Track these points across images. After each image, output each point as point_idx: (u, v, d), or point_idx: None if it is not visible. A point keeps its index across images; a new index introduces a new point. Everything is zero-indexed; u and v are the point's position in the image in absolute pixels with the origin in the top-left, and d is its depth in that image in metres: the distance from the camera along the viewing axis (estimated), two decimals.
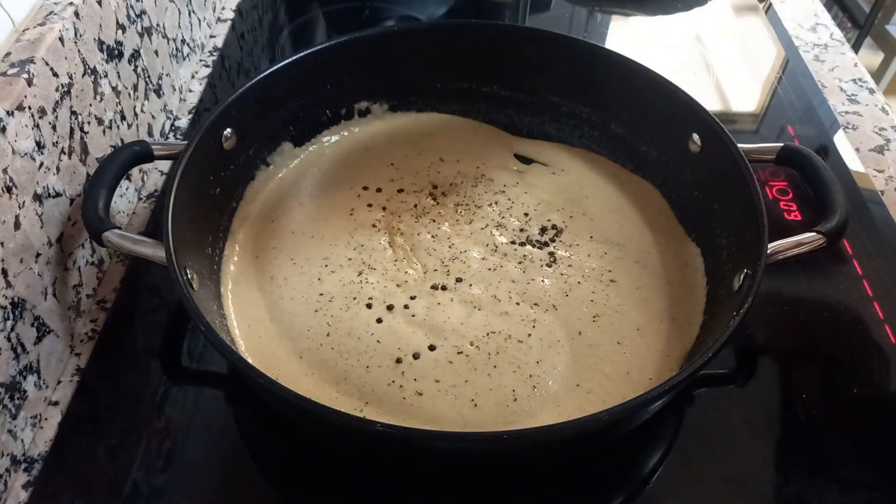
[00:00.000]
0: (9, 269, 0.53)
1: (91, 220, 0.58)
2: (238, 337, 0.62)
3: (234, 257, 0.68)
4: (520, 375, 0.59)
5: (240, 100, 0.68)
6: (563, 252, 0.69)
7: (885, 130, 0.85)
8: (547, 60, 0.78)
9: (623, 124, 0.77)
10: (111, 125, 0.70)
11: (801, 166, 0.64)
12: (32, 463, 0.55)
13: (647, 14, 1.08)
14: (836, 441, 0.57)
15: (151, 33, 0.79)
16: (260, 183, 0.74)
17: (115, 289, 0.67)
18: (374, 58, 0.78)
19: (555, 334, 0.62)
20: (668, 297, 0.65)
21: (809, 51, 0.97)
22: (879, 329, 0.65)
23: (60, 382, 0.60)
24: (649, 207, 0.73)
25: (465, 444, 0.48)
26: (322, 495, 0.56)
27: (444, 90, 0.82)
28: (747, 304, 0.52)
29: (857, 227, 0.73)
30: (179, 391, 0.61)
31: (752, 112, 0.90)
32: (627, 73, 0.73)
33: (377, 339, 0.62)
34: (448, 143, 0.80)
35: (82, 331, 0.64)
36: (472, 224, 0.71)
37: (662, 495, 0.54)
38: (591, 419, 0.47)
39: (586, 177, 0.77)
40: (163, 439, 0.57)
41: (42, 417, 0.58)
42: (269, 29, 1.06)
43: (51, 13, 0.63)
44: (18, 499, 0.53)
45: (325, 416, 0.48)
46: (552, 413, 0.57)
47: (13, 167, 0.54)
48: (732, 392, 0.61)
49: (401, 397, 0.58)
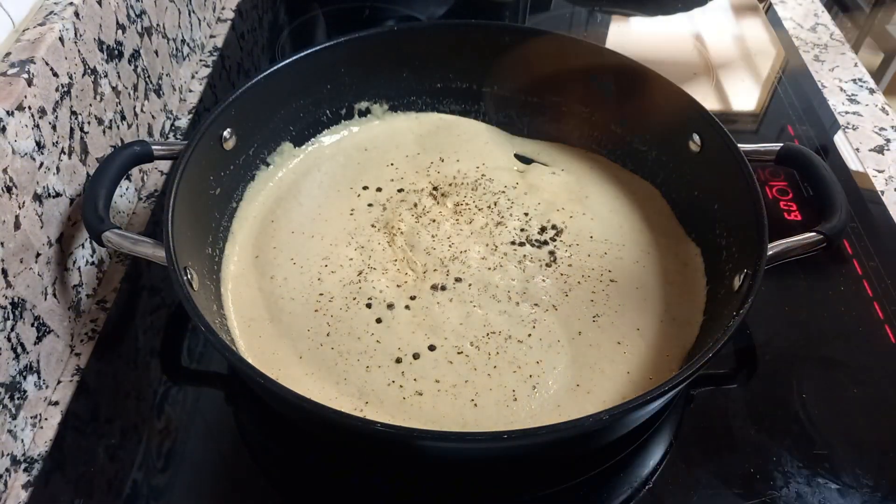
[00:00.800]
0: (9, 269, 0.53)
1: (91, 220, 0.58)
2: (238, 337, 0.62)
3: (234, 257, 0.68)
4: (520, 375, 0.59)
5: (240, 100, 0.68)
6: (563, 252, 0.69)
7: (885, 130, 0.85)
8: (547, 60, 0.78)
9: (623, 124, 0.77)
10: (111, 125, 0.70)
11: (801, 166, 0.64)
12: (32, 463, 0.55)
13: (647, 14, 1.08)
14: (836, 441, 0.57)
15: (151, 33, 0.79)
16: (260, 183, 0.74)
17: (115, 289, 0.67)
18: (374, 58, 0.78)
19: (555, 334, 0.62)
20: (668, 297, 0.65)
21: (809, 51, 0.97)
22: (879, 329, 0.65)
23: (60, 382, 0.60)
24: (649, 207, 0.73)
25: (465, 444, 0.48)
26: (322, 495, 0.56)
27: (444, 90, 0.82)
28: (747, 304, 0.52)
29: (857, 227, 0.73)
30: (179, 391, 0.61)
31: (752, 112, 0.90)
32: (627, 73, 0.73)
33: (377, 339, 0.62)
34: (448, 143, 0.80)
35: (82, 331, 0.64)
36: (472, 224, 0.71)
37: (662, 495, 0.54)
38: (591, 419, 0.47)
39: (586, 177, 0.77)
40: (163, 439, 0.57)
41: (42, 417, 0.58)
42: (269, 29, 1.06)
43: (51, 13, 0.63)
44: (18, 499, 0.53)
45: (325, 416, 0.48)
46: (552, 413, 0.57)
47: (13, 167, 0.54)
48: (732, 392, 0.61)
49: (401, 397, 0.58)
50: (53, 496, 0.54)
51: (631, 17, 1.07)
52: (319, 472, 0.56)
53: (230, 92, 0.68)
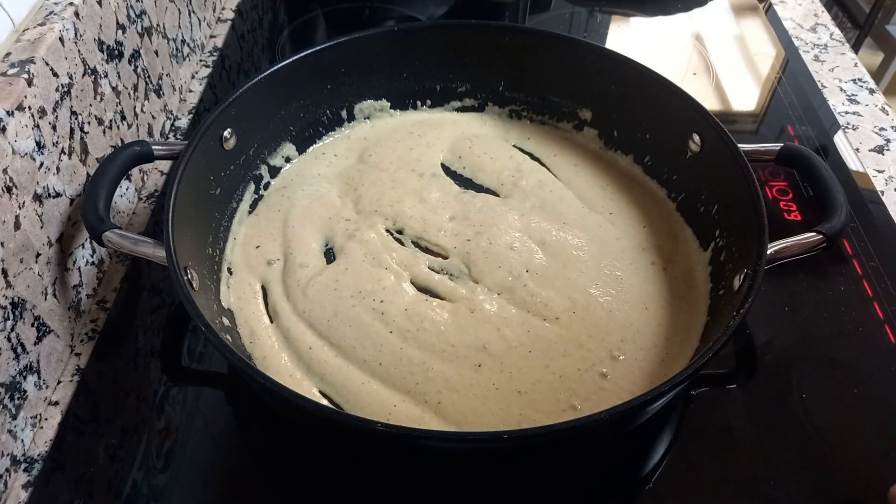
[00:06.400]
0: (9, 269, 0.53)
1: (91, 220, 0.58)
2: (238, 337, 0.62)
3: (235, 257, 0.68)
4: (521, 376, 0.59)
5: (240, 100, 0.68)
6: (564, 252, 0.69)
7: (885, 130, 0.85)
8: (547, 60, 0.78)
9: (623, 124, 0.77)
10: (111, 125, 0.70)
11: (801, 166, 0.64)
12: (32, 463, 0.55)
13: (647, 14, 1.08)
14: (836, 441, 0.57)
15: (151, 33, 0.79)
16: (260, 183, 0.74)
17: (115, 289, 0.67)
18: (374, 58, 0.78)
19: (556, 334, 0.62)
20: (668, 298, 0.65)
21: (809, 51, 0.97)
22: (879, 329, 0.65)
23: (60, 382, 0.60)
24: (649, 207, 0.73)
25: (466, 444, 0.48)
26: (322, 495, 0.56)
27: (444, 90, 0.82)
28: (747, 304, 0.52)
29: (857, 227, 0.73)
30: (179, 391, 0.61)
31: (752, 112, 0.90)
32: (628, 74, 0.73)
33: (378, 337, 0.62)
34: (449, 143, 0.80)
35: (82, 331, 0.64)
36: (477, 226, 0.71)
37: (662, 495, 0.54)
38: (591, 419, 0.47)
39: (586, 177, 0.77)
40: (163, 439, 0.57)
41: (42, 417, 0.58)
42: (269, 29, 1.06)
43: (51, 13, 0.63)
44: (18, 499, 0.53)
45: (325, 416, 0.48)
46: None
47: (13, 167, 0.54)
48: (732, 392, 0.61)
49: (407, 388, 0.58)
50: (53, 496, 0.54)
51: (631, 17, 1.07)
52: (320, 472, 0.56)
53: (230, 92, 0.68)
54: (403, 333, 0.62)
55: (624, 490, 0.56)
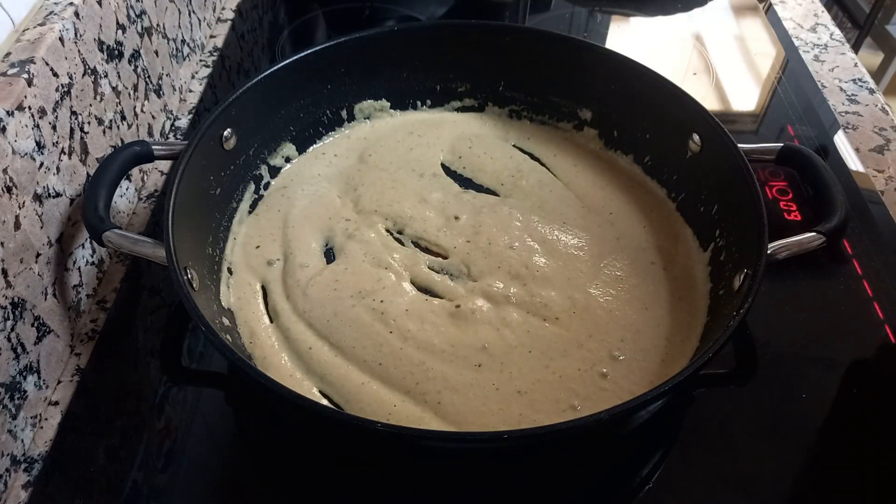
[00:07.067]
0: (9, 269, 0.53)
1: (91, 220, 0.58)
2: (238, 337, 0.62)
3: (235, 257, 0.68)
4: (520, 376, 0.59)
5: (240, 100, 0.68)
6: (564, 252, 0.69)
7: (885, 130, 0.85)
8: (547, 60, 0.78)
9: (623, 124, 0.77)
10: (111, 125, 0.70)
11: (800, 166, 0.64)
12: (32, 463, 0.55)
13: (647, 14, 1.08)
14: (836, 441, 0.57)
15: (151, 33, 0.79)
16: (260, 183, 0.74)
17: (115, 289, 0.67)
18: (374, 58, 0.78)
19: (555, 334, 0.62)
20: (668, 298, 0.65)
21: (809, 51, 0.97)
22: (879, 329, 0.65)
23: (60, 382, 0.60)
24: (649, 207, 0.73)
25: (465, 444, 0.48)
26: (322, 495, 0.56)
27: (444, 90, 0.82)
28: (747, 304, 0.52)
29: (857, 227, 0.73)
30: (179, 391, 0.61)
31: (752, 112, 0.90)
32: (628, 74, 0.73)
33: (378, 337, 0.62)
34: (449, 143, 0.80)
35: (82, 331, 0.64)
36: (477, 226, 0.71)
37: (662, 495, 0.54)
38: (591, 419, 0.47)
39: (587, 177, 0.77)
40: (163, 439, 0.57)
41: (42, 417, 0.58)
42: (269, 29, 1.06)
43: (51, 13, 0.63)
44: (18, 499, 0.53)
45: (325, 416, 0.48)
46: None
47: (13, 167, 0.54)
48: (732, 392, 0.61)
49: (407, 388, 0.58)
50: (53, 496, 0.54)
51: (631, 17, 1.07)
52: (319, 472, 0.56)
53: (230, 92, 0.68)
54: (403, 333, 0.62)
55: (624, 490, 0.56)
